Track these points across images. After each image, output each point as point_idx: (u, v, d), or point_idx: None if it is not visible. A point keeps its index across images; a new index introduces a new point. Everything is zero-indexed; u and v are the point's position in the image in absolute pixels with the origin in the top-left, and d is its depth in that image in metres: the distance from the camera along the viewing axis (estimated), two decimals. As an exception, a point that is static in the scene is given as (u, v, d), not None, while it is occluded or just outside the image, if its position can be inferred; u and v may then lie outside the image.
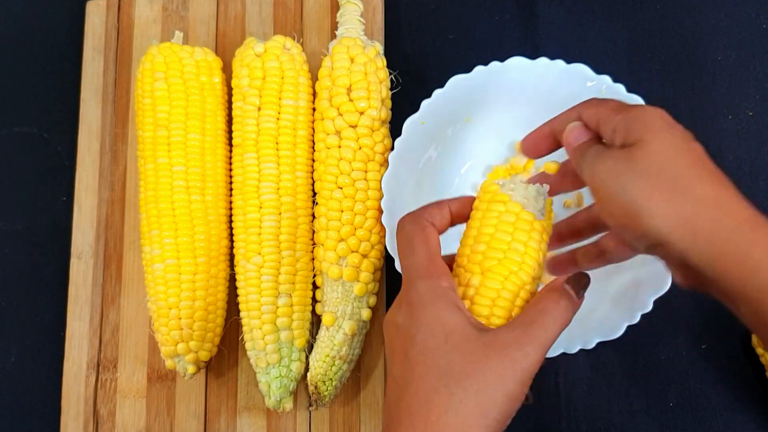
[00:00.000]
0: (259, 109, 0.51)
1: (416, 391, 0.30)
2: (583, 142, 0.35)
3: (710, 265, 0.30)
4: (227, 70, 0.55)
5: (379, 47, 0.53)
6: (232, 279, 0.52)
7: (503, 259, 0.34)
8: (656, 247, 0.31)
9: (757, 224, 0.30)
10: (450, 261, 0.37)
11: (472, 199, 0.37)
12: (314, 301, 0.51)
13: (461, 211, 0.37)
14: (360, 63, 0.50)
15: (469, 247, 0.36)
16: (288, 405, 0.49)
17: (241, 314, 0.50)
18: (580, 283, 0.35)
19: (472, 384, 0.30)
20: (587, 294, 0.36)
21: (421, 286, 0.32)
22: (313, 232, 0.51)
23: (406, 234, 0.35)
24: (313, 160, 0.52)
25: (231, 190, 0.53)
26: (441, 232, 0.36)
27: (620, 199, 0.32)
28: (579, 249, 0.43)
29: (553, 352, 0.45)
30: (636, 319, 0.45)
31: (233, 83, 0.53)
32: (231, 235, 0.52)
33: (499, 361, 0.30)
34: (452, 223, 0.37)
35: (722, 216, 0.30)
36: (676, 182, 0.31)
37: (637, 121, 0.33)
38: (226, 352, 0.53)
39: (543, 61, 0.48)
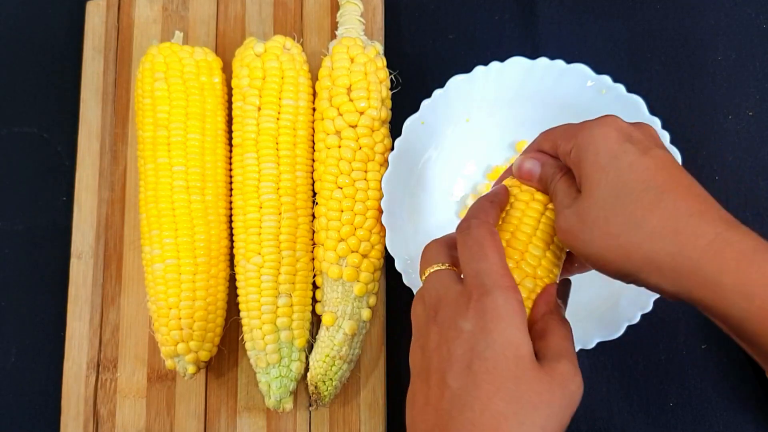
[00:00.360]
0: (259, 109, 0.51)
1: (482, 411, 0.30)
2: (556, 183, 0.35)
3: (687, 295, 0.30)
4: (227, 70, 0.55)
5: (379, 47, 0.53)
6: (232, 279, 0.52)
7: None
8: (634, 282, 0.32)
9: (723, 246, 0.29)
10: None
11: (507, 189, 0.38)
12: (314, 301, 0.51)
13: (504, 206, 0.38)
14: (360, 63, 0.50)
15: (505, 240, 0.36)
16: (288, 405, 0.49)
17: (241, 314, 0.50)
18: (567, 292, 0.36)
19: (540, 417, 0.30)
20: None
21: (500, 298, 0.31)
22: (313, 232, 0.51)
23: (476, 237, 0.33)
24: (313, 160, 0.52)
25: (231, 190, 0.53)
26: None
27: (586, 253, 0.32)
28: None
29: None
30: (636, 319, 0.45)
31: (233, 83, 0.53)
32: (231, 235, 0.52)
33: (561, 395, 0.30)
34: None
35: (682, 248, 0.29)
36: (627, 223, 0.30)
37: (583, 153, 0.33)
38: (226, 352, 0.53)
39: (543, 61, 0.48)
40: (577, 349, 0.45)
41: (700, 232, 0.29)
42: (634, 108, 0.47)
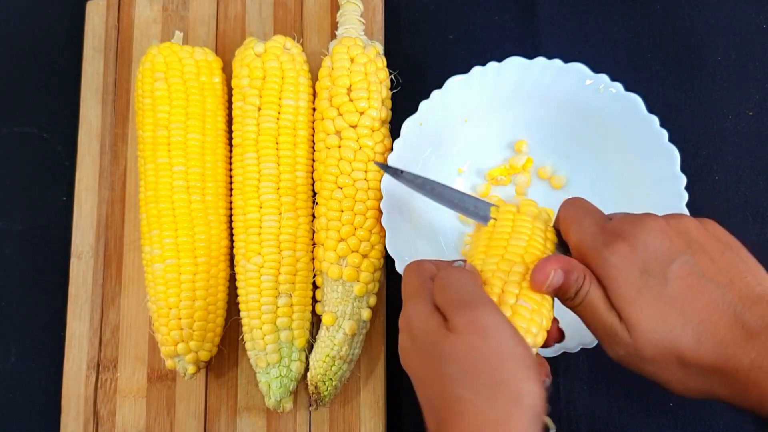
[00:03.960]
0: (259, 109, 0.51)
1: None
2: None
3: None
4: (227, 70, 0.55)
5: (379, 47, 0.53)
6: (232, 279, 0.52)
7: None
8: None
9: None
10: None
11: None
12: (314, 301, 0.51)
13: None
14: (360, 63, 0.50)
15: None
16: (288, 405, 0.49)
17: (241, 314, 0.50)
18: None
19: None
20: None
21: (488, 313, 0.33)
22: (313, 232, 0.51)
23: (452, 272, 0.36)
24: (313, 160, 0.52)
25: (231, 190, 0.53)
26: None
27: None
28: None
29: (553, 352, 0.45)
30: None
31: (233, 83, 0.53)
32: (231, 235, 0.52)
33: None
34: None
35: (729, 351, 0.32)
36: (665, 351, 0.33)
37: (609, 282, 0.34)
38: (226, 352, 0.53)
39: (540, 60, 0.48)
40: (577, 349, 0.45)
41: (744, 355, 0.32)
42: (632, 107, 0.48)
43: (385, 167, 0.47)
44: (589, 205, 0.38)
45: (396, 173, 0.46)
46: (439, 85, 0.49)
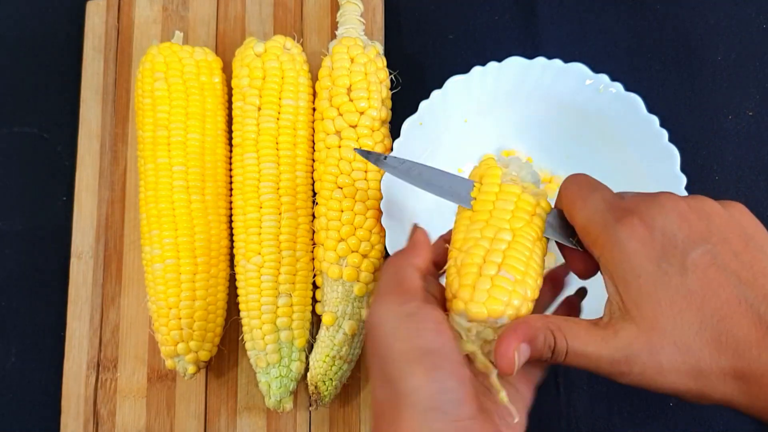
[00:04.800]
0: (259, 109, 0.51)
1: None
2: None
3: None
4: (227, 70, 0.55)
5: (379, 47, 0.53)
6: (232, 279, 0.52)
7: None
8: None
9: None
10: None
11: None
12: (314, 301, 0.51)
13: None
14: (360, 63, 0.50)
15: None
16: (288, 405, 0.49)
17: (241, 314, 0.50)
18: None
19: None
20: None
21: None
22: (313, 232, 0.51)
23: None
24: (313, 160, 0.52)
25: (231, 190, 0.53)
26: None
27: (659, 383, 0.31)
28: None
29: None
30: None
31: (233, 83, 0.53)
32: (231, 235, 0.52)
33: None
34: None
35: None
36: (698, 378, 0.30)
37: (624, 272, 0.31)
38: (226, 352, 0.53)
39: (540, 60, 0.48)
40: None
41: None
42: (632, 107, 0.48)
43: (366, 154, 0.44)
44: (595, 180, 0.35)
45: (378, 159, 0.42)
46: (439, 85, 0.49)
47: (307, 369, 0.49)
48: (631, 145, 0.49)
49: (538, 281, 0.34)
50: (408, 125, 0.49)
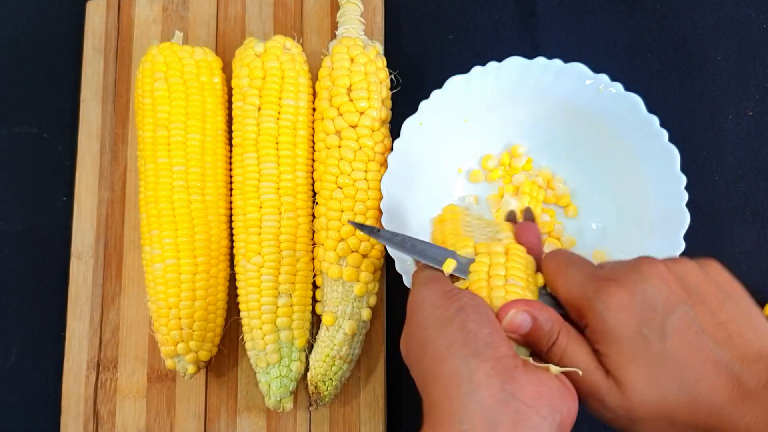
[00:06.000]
0: (259, 109, 0.51)
1: None
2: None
3: None
4: (227, 70, 0.55)
5: (379, 47, 0.53)
6: (232, 279, 0.52)
7: None
8: None
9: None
10: None
11: None
12: (314, 301, 0.51)
13: None
14: (360, 63, 0.50)
15: None
16: (288, 405, 0.49)
17: (241, 314, 0.50)
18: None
19: None
20: None
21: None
22: (313, 232, 0.51)
23: None
24: (313, 160, 0.52)
25: (231, 190, 0.53)
26: None
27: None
28: None
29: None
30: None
31: (233, 83, 0.53)
32: (231, 235, 0.52)
33: None
34: None
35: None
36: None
37: (605, 338, 0.32)
38: (226, 352, 0.53)
39: (540, 60, 0.48)
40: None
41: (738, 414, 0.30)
42: (632, 107, 0.48)
43: (361, 227, 0.45)
44: (572, 255, 0.37)
45: (372, 232, 0.44)
46: (439, 85, 0.49)
47: (307, 369, 0.49)
48: (631, 145, 0.49)
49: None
50: (408, 125, 0.49)
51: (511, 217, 0.47)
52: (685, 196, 0.46)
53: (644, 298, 0.32)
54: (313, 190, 0.52)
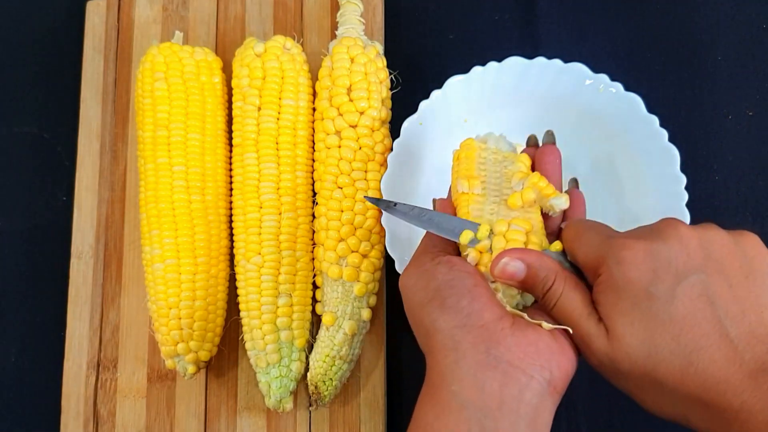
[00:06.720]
0: (259, 109, 0.51)
1: None
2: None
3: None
4: (227, 70, 0.55)
5: (379, 47, 0.53)
6: (232, 279, 0.52)
7: None
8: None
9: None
10: None
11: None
12: (314, 301, 0.51)
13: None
14: (360, 63, 0.50)
15: None
16: (288, 405, 0.49)
17: (241, 314, 0.50)
18: None
19: None
20: None
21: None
22: (313, 232, 0.51)
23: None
24: (313, 160, 0.52)
25: (231, 190, 0.53)
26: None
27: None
28: None
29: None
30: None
31: (233, 83, 0.53)
32: (231, 235, 0.52)
33: None
34: None
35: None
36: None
37: (613, 293, 0.32)
38: (226, 352, 0.53)
39: (540, 60, 0.48)
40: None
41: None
42: (632, 107, 0.48)
43: (376, 201, 0.45)
44: (592, 221, 0.36)
45: (389, 207, 0.44)
46: (439, 85, 0.49)
47: (307, 369, 0.49)
48: (631, 145, 0.49)
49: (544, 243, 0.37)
50: (408, 125, 0.49)
51: (532, 142, 0.45)
52: (685, 196, 0.46)
53: (659, 258, 0.31)
54: (313, 190, 0.52)
